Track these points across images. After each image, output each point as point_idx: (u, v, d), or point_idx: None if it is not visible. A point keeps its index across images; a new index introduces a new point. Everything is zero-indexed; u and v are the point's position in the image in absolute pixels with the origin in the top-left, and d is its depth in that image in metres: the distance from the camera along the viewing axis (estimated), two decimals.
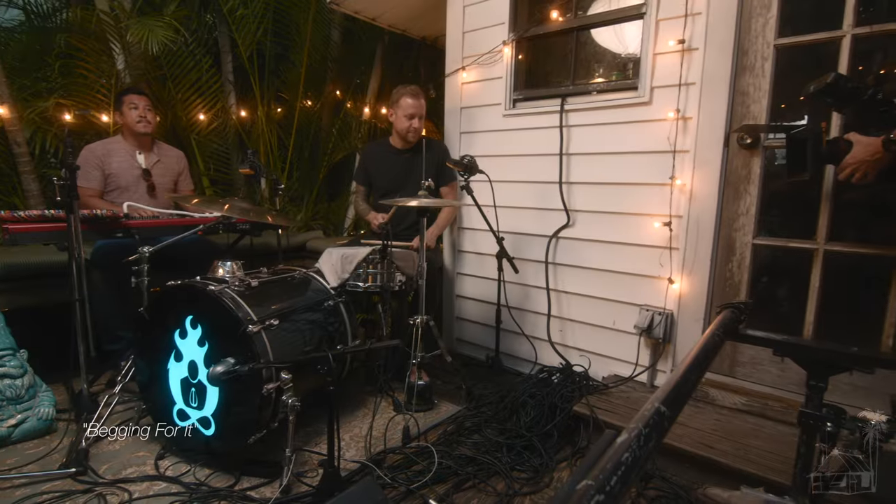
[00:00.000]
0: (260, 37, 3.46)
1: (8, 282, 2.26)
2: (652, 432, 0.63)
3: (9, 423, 1.85)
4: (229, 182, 3.69)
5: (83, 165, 2.54)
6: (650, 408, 0.68)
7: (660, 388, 0.75)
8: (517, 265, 2.47)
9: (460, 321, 3.03)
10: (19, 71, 2.98)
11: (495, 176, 2.53)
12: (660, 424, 0.66)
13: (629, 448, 0.58)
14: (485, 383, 2.51)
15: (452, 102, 2.87)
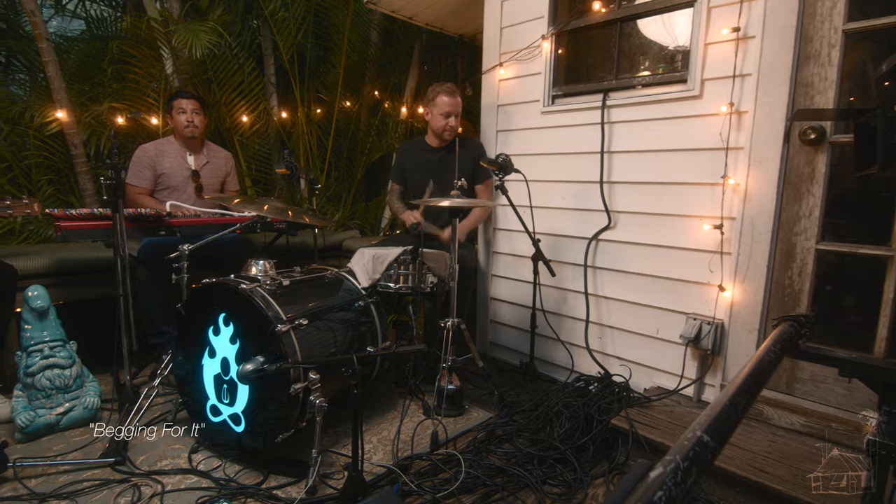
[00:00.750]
0: (300, 39, 3.52)
1: (61, 276, 2.38)
2: (692, 466, 0.55)
3: (57, 411, 1.94)
4: (270, 182, 3.78)
5: (136, 165, 2.66)
6: (691, 437, 0.59)
7: (703, 414, 0.66)
8: (554, 268, 2.37)
9: (494, 324, 2.95)
10: (78, 77, 3.17)
11: (532, 175, 2.44)
12: (702, 457, 0.57)
13: (663, 486, 0.50)
14: (518, 390, 2.43)
15: (489, 100, 2.81)
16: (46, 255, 2.37)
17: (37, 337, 1.94)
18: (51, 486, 1.60)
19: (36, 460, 1.71)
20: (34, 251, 2.41)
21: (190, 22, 3.02)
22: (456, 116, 2.59)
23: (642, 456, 1.81)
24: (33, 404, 1.91)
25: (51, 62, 2.68)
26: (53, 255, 2.37)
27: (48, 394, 1.93)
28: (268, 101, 3.73)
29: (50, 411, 1.93)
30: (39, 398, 1.92)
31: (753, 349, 1.91)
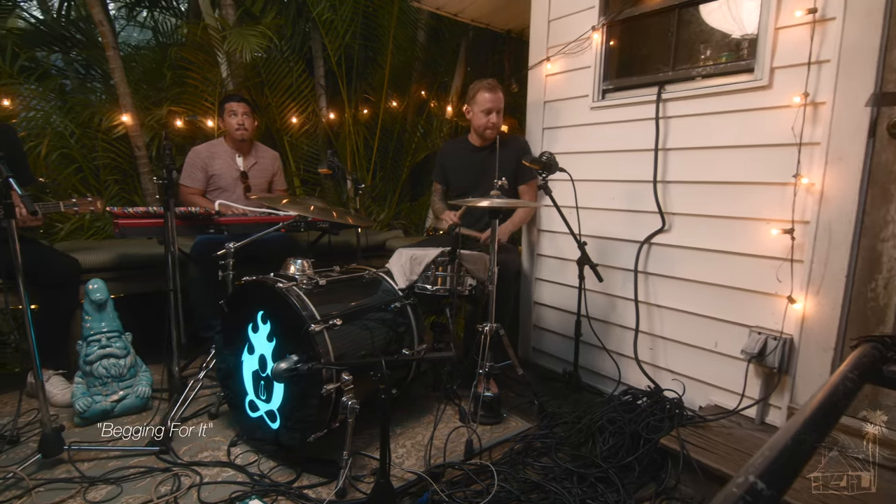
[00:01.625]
0: (348, 40, 3.56)
1: (121, 270, 2.52)
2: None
3: (112, 399, 2.05)
4: (318, 182, 3.86)
5: (188, 167, 2.78)
6: (742, 483, 0.49)
7: (758, 454, 0.55)
8: (602, 273, 2.23)
9: (537, 330, 2.84)
10: (144, 83, 3.37)
11: (579, 174, 2.32)
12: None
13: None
14: (560, 400, 2.32)
15: (535, 96, 2.70)
16: (109, 250, 2.52)
17: (95, 328, 2.06)
18: (100, 471, 1.69)
19: (89, 445, 1.81)
20: (98, 246, 2.58)
21: (242, 27, 3.13)
22: (497, 113, 2.50)
23: (694, 481, 1.66)
24: (91, 391, 2.02)
25: (117, 69, 2.87)
26: (115, 250, 2.52)
27: (104, 381, 2.04)
28: (316, 103, 3.81)
29: (105, 398, 2.04)
30: (96, 385, 2.03)
31: (827, 370, 1.70)
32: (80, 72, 3.54)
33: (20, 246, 2.12)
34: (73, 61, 3.51)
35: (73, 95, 3.16)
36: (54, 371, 2.21)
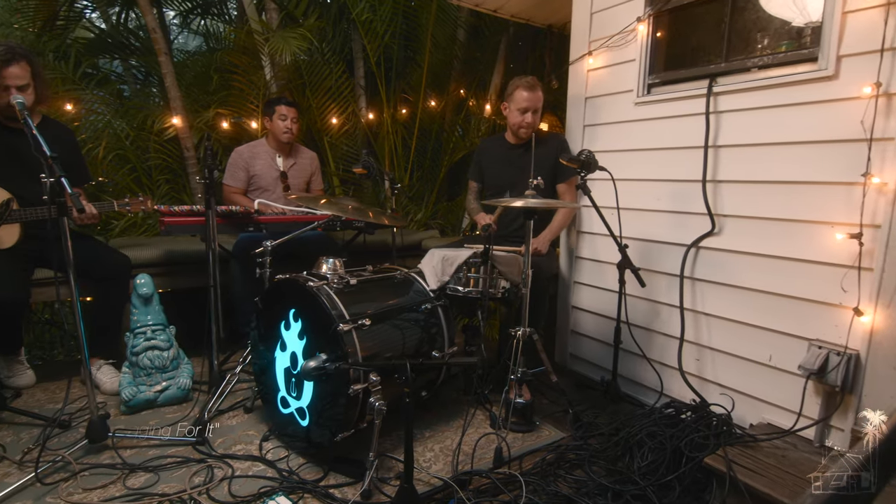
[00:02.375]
0: (388, 40, 3.58)
1: (168, 266, 2.63)
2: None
3: (155, 389, 2.13)
4: (357, 181, 3.90)
5: (231, 167, 2.87)
6: None
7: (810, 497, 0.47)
8: (645, 277, 2.12)
9: (575, 335, 2.74)
10: (194, 87, 3.52)
11: (621, 173, 2.21)
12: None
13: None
14: (596, 410, 2.22)
15: (576, 92, 2.60)
16: (158, 247, 2.64)
17: (142, 320, 2.16)
18: (141, 458, 1.75)
19: (132, 433, 1.88)
20: (148, 243, 2.70)
21: (284, 30, 3.21)
22: (534, 113, 2.42)
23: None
24: (136, 381, 2.11)
25: (168, 74, 3.02)
26: (163, 247, 2.63)
27: (149, 372, 2.13)
28: (356, 103, 3.85)
29: (150, 388, 2.12)
30: (141, 376, 2.12)
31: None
32: (138, 77, 3.75)
33: (76, 242, 2.25)
34: (132, 67, 3.73)
35: (129, 100, 3.35)
36: (105, 360, 2.34)
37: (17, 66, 1.97)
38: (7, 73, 1.95)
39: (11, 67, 1.96)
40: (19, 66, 1.98)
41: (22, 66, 1.98)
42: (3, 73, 1.95)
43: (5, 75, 1.95)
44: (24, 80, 1.98)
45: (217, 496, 1.57)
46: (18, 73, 1.97)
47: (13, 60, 1.96)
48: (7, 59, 1.95)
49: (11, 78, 1.96)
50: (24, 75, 1.99)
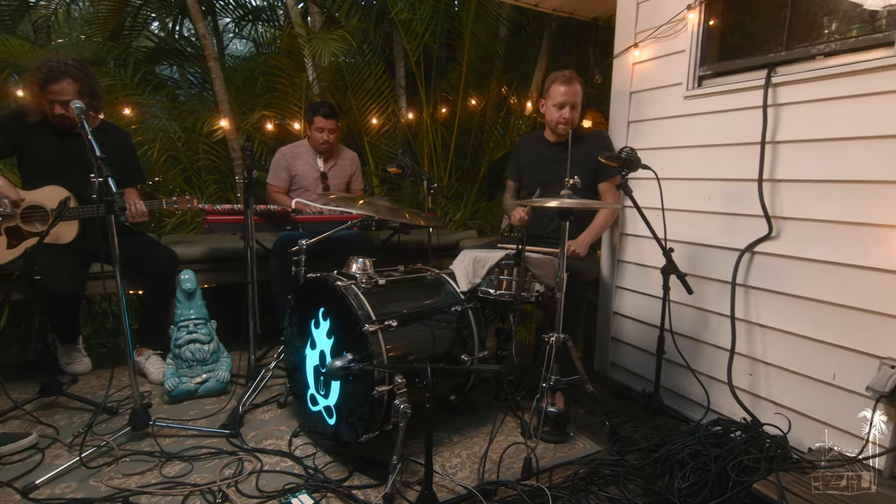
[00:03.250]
0: (427, 39, 3.56)
1: (213, 262, 2.74)
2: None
3: (196, 381, 2.21)
4: (396, 181, 3.92)
5: (274, 167, 2.95)
6: None
7: None
8: (692, 283, 1.97)
9: (616, 343, 2.61)
10: (242, 90, 3.66)
11: (667, 172, 2.08)
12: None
13: None
14: (636, 423, 2.09)
15: (620, 87, 2.47)
16: (204, 243, 2.75)
17: (185, 314, 2.24)
18: (177, 448, 1.82)
19: (171, 422, 1.96)
20: (196, 240, 2.82)
21: (324, 32, 3.26)
22: (572, 108, 2.31)
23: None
24: (178, 372, 2.20)
25: (217, 78, 3.15)
26: (209, 244, 2.74)
27: (190, 364, 2.22)
28: (396, 103, 3.87)
29: (191, 380, 2.21)
30: (183, 368, 2.21)
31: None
32: (193, 82, 3.95)
33: (129, 238, 2.39)
34: (187, 73, 3.93)
35: (183, 103, 3.53)
36: (153, 351, 2.46)
37: (62, 84, 2.09)
38: (52, 89, 2.09)
39: (56, 85, 2.08)
40: (64, 83, 2.09)
41: (67, 82, 2.10)
42: (49, 89, 2.09)
43: (52, 90, 2.09)
44: (69, 95, 2.09)
45: (244, 489, 1.60)
46: (62, 89, 2.09)
47: (59, 78, 2.08)
48: (53, 78, 2.08)
49: (57, 94, 2.09)
50: (69, 91, 2.10)
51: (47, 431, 1.89)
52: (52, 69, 2.09)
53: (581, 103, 2.33)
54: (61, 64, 2.11)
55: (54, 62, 2.11)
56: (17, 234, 2.13)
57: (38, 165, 2.22)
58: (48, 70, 2.09)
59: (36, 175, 2.22)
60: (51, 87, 2.09)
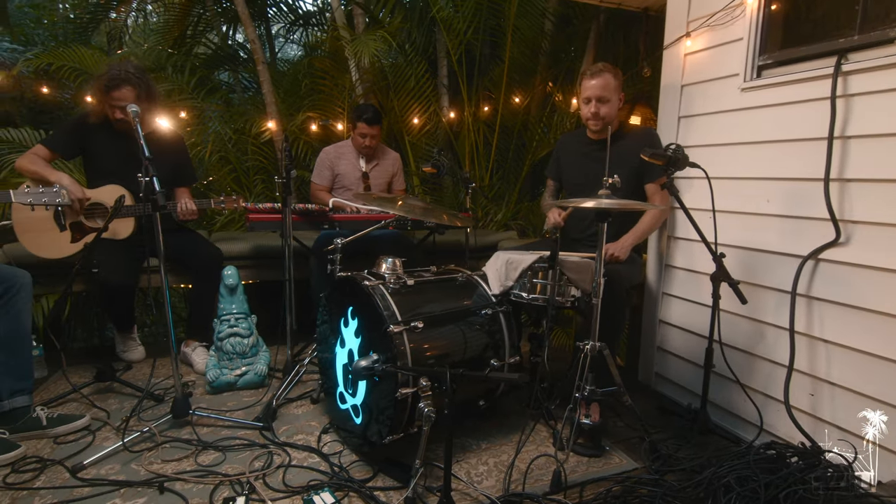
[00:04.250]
0: (469, 37, 3.51)
1: (256, 259, 2.83)
2: None
3: (236, 373, 2.29)
4: (438, 181, 3.90)
5: (318, 166, 3.02)
6: None
7: None
8: (747, 292, 1.81)
9: (662, 353, 2.45)
10: (289, 93, 3.77)
11: (720, 171, 1.93)
12: None
13: None
14: (680, 441, 1.95)
15: (670, 80, 2.32)
16: (249, 241, 2.85)
17: (227, 309, 2.33)
18: (213, 437, 1.88)
19: (209, 412, 2.03)
20: (242, 237, 2.94)
21: (365, 33, 3.29)
22: (599, 101, 2.16)
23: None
24: (220, 364, 2.29)
25: (265, 81, 3.27)
26: (253, 241, 2.84)
27: (230, 357, 2.30)
28: (438, 103, 3.84)
29: (231, 372, 2.29)
30: (224, 360, 2.30)
31: None
32: (247, 86, 4.13)
33: (180, 235, 2.52)
34: (242, 78, 4.11)
35: (234, 106, 3.69)
36: (200, 343, 2.57)
37: (124, 90, 2.23)
38: (114, 95, 2.23)
39: (117, 91, 2.23)
40: (127, 90, 2.23)
41: (127, 89, 2.24)
42: (111, 95, 2.23)
43: (114, 97, 2.23)
44: (129, 100, 2.22)
45: (271, 483, 1.62)
46: (122, 95, 2.23)
47: (120, 85, 2.23)
48: (115, 84, 2.22)
49: (117, 99, 2.23)
50: (128, 97, 2.23)
51: (99, 415, 2.02)
52: (113, 77, 2.23)
53: (616, 97, 2.18)
54: (122, 72, 2.26)
55: (116, 70, 2.26)
56: (80, 229, 2.29)
57: (100, 166, 2.38)
58: (110, 77, 2.23)
59: (99, 175, 2.38)
60: (112, 94, 2.23)
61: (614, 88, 2.15)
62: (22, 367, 1.85)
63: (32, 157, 2.24)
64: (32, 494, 1.54)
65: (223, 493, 1.57)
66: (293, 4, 4.42)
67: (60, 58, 3.14)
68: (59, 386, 2.25)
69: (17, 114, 3.66)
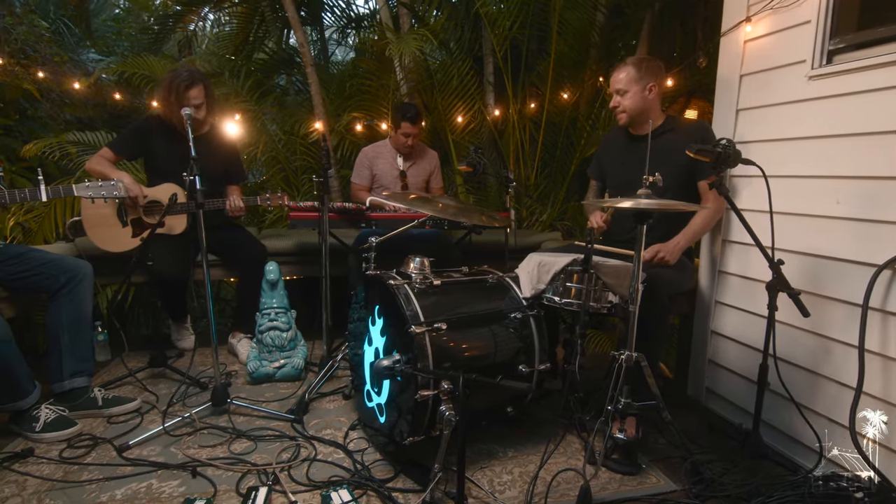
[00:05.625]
0: (515, 31, 3.41)
1: (299, 255, 2.92)
2: None
3: (274, 365, 2.37)
4: (482, 179, 3.84)
5: (358, 166, 3.07)
6: None
7: None
8: (811, 304, 1.63)
9: (714, 367, 2.26)
10: (337, 94, 3.87)
11: (784, 168, 1.75)
12: None
13: None
14: (727, 464, 1.79)
15: (728, 69, 2.13)
16: (293, 238, 2.95)
17: (268, 303, 2.42)
18: (248, 426, 1.95)
19: (245, 402, 2.11)
20: (287, 234, 3.04)
21: (405, 33, 3.30)
22: (617, 93, 2.09)
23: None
24: (260, 356, 2.38)
25: (314, 83, 3.37)
26: (296, 238, 2.94)
27: (270, 350, 2.38)
28: (482, 100, 3.78)
29: (270, 364, 2.37)
30: (264, 352, 2.39)
31: None
32: (299, 88, 4.28)
33: (229, 231, 2.65)
34: (296, 81, 4.28)
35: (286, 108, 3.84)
36: (245, 334, 2.69)
37: (196, 89, 2.39)
38: (189, 94, 2.38)
39: (192, 90, 2.38)
40: (198, 89, 2.40)
41: (199, 88, 2.41)
42: (186, 94, 2.38)
43: (187, 95, 2.38)
44: (200, 100, 2.41)
45: (295, 475, 1.66)
46: (197, 94, 2.40)
47: (194, 84, 2.39)
48: (190, 83, 2.38)
49: (192, 98, 2.38)
50: (200, 96, 2.41)
51: (150, 398, 2.16)
52: (186, 76, 2.38)
53: (637, 88, 2.06)
54: (195, 73, 2.43)
55: (186, 72, 2.42)
56: (139, 225, 2.47)
57: (159, 166, 2.55)
58: (185, 77, 2.38)
59: (158, 174, 2.55)
60: (188, 92, 2.38)
61: (634, 79, 2.05)
62: (83, 350, 2.02)
63: (99, 159, 2.44)
64: (82, 469, 1.67)
65: (249, 482, 1.62)
66: (346, 9, 4.54)
67: (132, 66, 3.42)
68: (118, 369, 2.43)
69: (98, 118, 4.02)
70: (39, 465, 1.68)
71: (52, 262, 1.99)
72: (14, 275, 1.93)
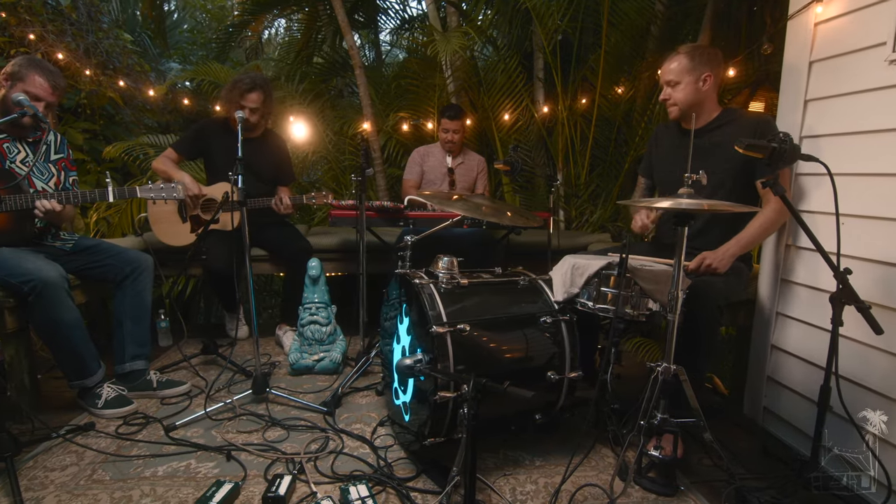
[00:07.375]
0: (565, 24, 3.28)
1: (341, 252, 3.00)
2: None
3: (313, 358, 2.46)
4: (529, 178, 3.74)
5: (410, 163, 3.20)
6: None
7: None
8: (887, 319, 1.43)
9: (774, 385, 2.06)
10: (386, 94, 3.93)
11: (856, 165, 1.57)
12: None
13: None
14: (779, 493, 1.62)
15: (795, 56, 1.92)
16: (338, 235, 3.04)
17: (310, 298, 2.50)
18: (283, 416, 2.03)
19: (282, 392, 2.20)
20: (332, 232, 3.14)
21: (451, 31, 3.27)
22: (667, 85, 1.96)
23: None
24: (301, 349, 2.47)
25: (362, 84, 3.44)
26: (341, 236, 3.02)
27: (310, 343, 2.47)
28: (531, 97, 3.68)
29: (310, 357, 2.46)
30: (305, 345, 2.47)
31: None
32: (352, 90, 4.41)
33: (278, 228, 2.77)
34: (350, 83, 4.41)
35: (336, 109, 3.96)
36: (290, 327, 2.81)
37: (255, 94, 2.54)
38: (248, 98, 2.53)
39: (252, 94, 2.53)
40: (257, 94, 2.54)
41: (258, 94, 2.55)
42: (246, 97, 2.53)
43: (247, 98, 2.52)
44: (257, 104, 2.55)
45: (321, 466, 1.70)
46: (255, 98, 2.54)
47: (254, 89, 2.54)
48: (250, 88, 2.53)
49: (250, 101, 2.53)
50: (257, 101, 2.55)
51: (200, 383, 2.31)
52: (248, 81, 2.54)
53: (690, 79, 1.91)
54: (257, 78, 2.58)
55: (249, 77, 2.57)
56: (197, 221, 2.64)
57: (216, 165, 2.72)
58: (246, 82, 2.54)
59: (215, 174, 2.72)
60: (247, 96, 2.53)
61: (687, 69, 1.90)
62: (142, 335, 2.19)
63: (163, 160, 2.64)
64: (133, 445, 1.81)
65: (277, 469, 1.68)
66: (401, 10, 4.61)
67: (200, 73, 3.69)
68: (175, 355, 2.63)
69: (175, 123, 4.37)
70: (98, 439, 1.85)
71: (118, 254, 2.19)
72: (85, 265, 2.14)
